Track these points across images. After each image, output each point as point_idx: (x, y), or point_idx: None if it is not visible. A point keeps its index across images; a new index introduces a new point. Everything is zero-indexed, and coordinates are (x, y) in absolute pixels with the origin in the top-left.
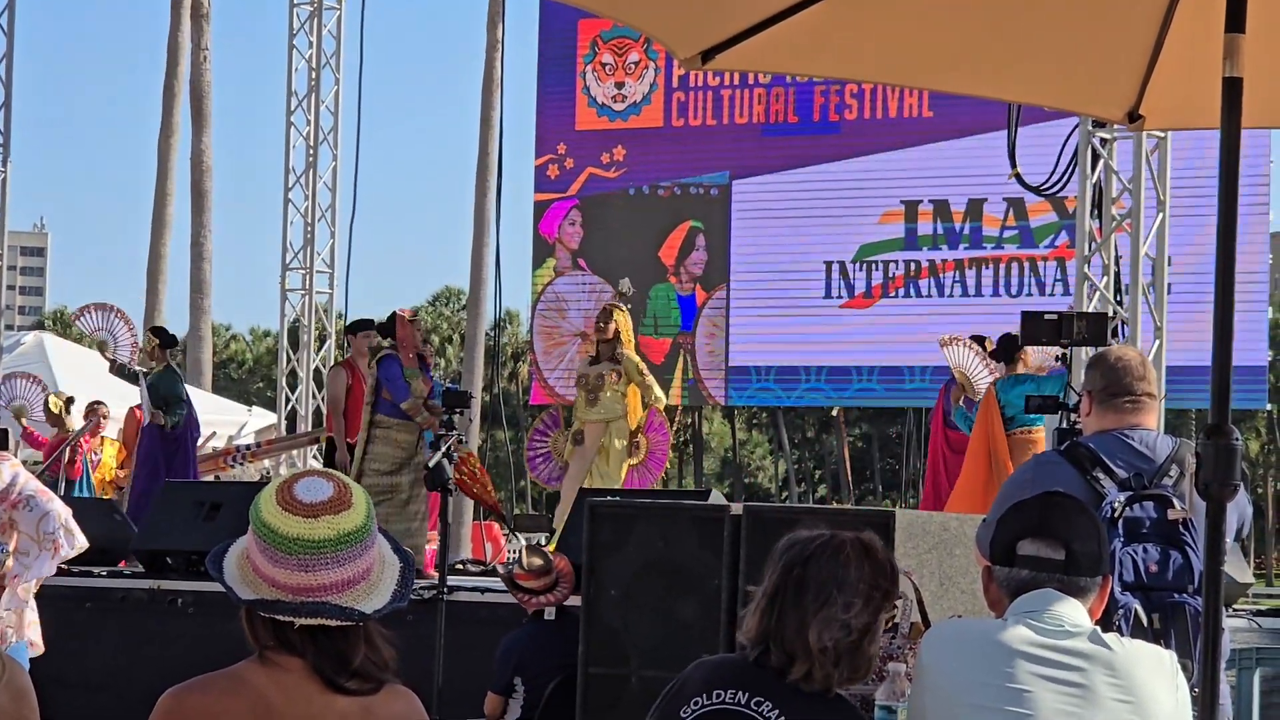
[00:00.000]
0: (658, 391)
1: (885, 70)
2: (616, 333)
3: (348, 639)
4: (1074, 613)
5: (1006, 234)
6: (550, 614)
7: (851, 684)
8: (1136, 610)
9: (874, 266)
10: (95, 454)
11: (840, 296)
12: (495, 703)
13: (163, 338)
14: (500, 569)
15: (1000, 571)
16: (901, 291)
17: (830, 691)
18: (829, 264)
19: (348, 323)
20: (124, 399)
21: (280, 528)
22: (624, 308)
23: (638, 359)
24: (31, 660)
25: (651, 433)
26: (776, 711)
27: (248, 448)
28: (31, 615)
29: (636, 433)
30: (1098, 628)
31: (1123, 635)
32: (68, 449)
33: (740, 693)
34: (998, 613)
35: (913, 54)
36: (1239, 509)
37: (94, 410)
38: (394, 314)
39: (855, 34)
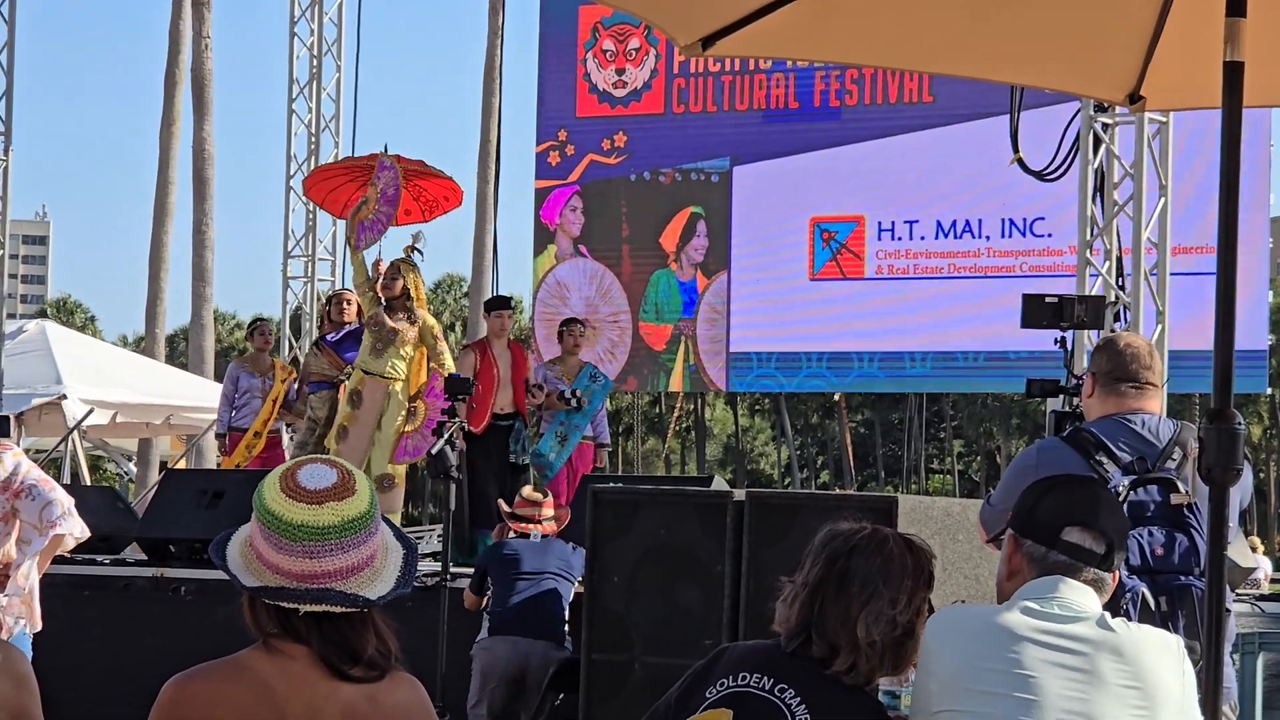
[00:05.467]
0: (448, 358)
1: (886, 54)
2: (405, 290)
3: (353, 626)
4: (1081, 598)
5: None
6: (535, 537)
7: (890, 676)
8: (1144, 593)
9: (876, 252)
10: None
11: (841, 279)
12: (472, 600)
13: None
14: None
15: (1036, 549)
16: (903, 276)
17: (868, 685)
18: (830, 249)
19: (486, 300)
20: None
21: (284, 514)
22: (414, 264)
23: (434, 322)
24: (34, 644)
25: (432, 398)
26: (799, 699)
27: None
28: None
29: (416, 398)
30: (1105, 613)
31: (1130, 618)
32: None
33: (766, 678)
34: (1012, 584)
35: (914, 38)
36: (1241, 488)
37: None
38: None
39: (856, 18)
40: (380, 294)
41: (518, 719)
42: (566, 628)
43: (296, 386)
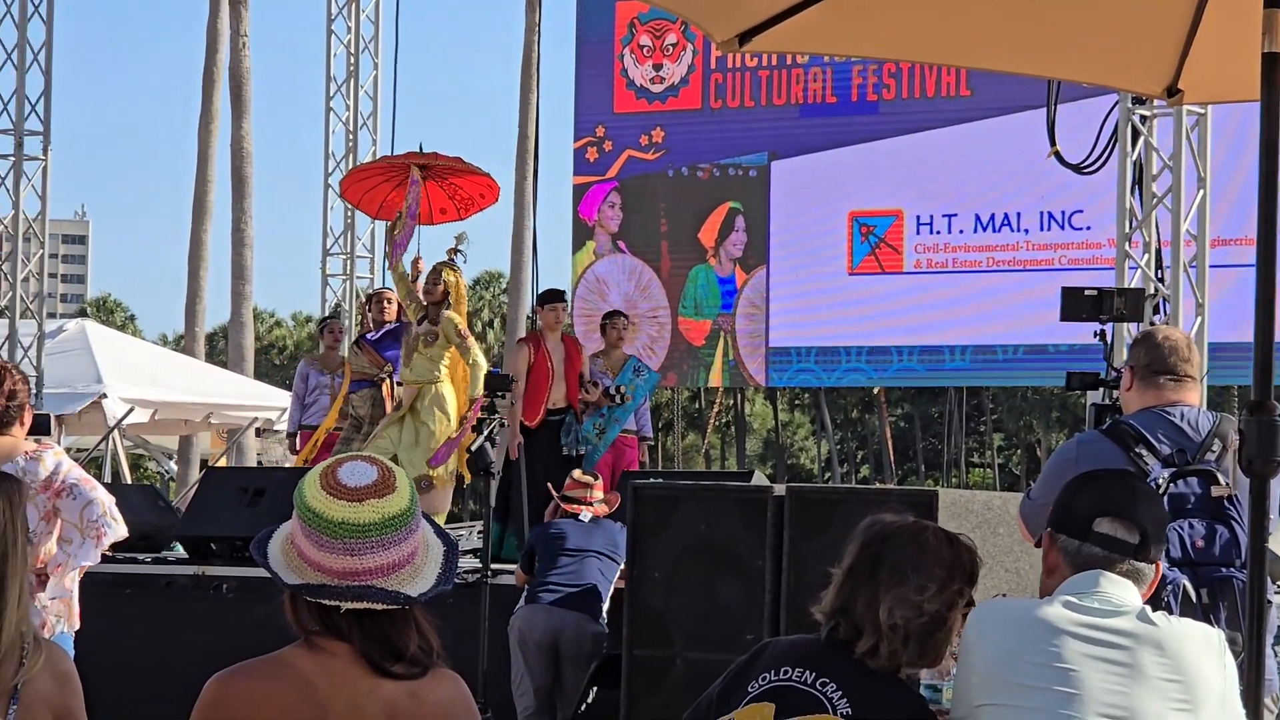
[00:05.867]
0: (476, 354)
1: (923, 49)
2: (445, 293)
3: (394, 623)
4: (1122, 592)
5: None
6: (585, 518)
7: (918, 668)
8: (1185, 585)
9: (914, 246)
10: None
11: (880, 273)
12: (521, 578)
13: None
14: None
15: (1070, 543)
16: (942, 270)
17: (897, 672)
18: (868, 243)
19: (540, 294)
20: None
21: (326, 512)
22: (456, 266)
23: (459, 319)
24: (76, 643)
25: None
26: (840, 693)
27: None
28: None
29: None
30: (1146, 606)
31: (1172, 611)
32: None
33: (808, 672)
34: (1053, 580)
35: (951, 32)
36: None
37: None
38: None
39: (893, 13)
40: (422, 298)
41: (555, 709)
42: (605, 605)
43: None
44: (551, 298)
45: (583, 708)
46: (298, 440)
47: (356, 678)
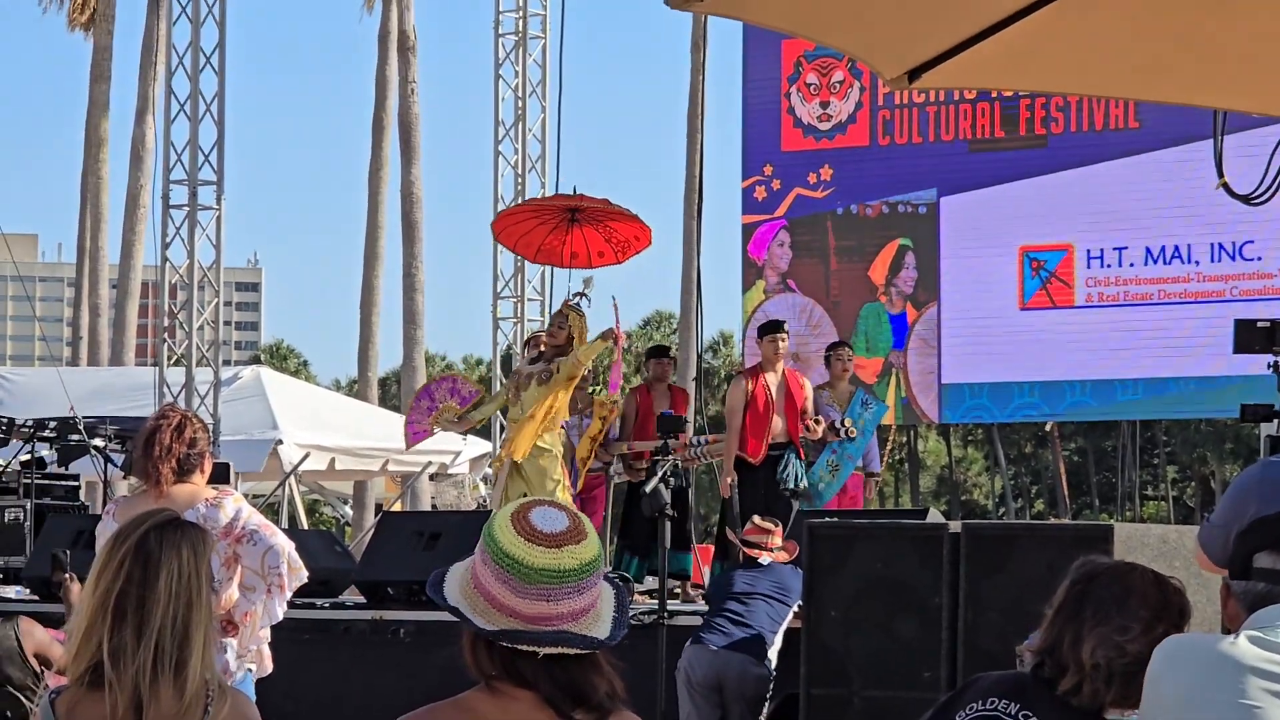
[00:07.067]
0: (583, 354)
1: (1091, 82)
2: (570, 337)
3: (583, 668)
4: None
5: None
6: (765, 561)
7: (1122, 709)
8: None
9: (1085, 280)
10: None
11: (1051, 308)
12: None
13: None
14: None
15: (1237, 586)
16: (1113, 304)
17: (1101, 711)
18: (1039, 277)
19: (759, 325)
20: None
21: (526, 559)
22: (581, 311)
23: (581, 360)
24: (257, 689)
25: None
26: None
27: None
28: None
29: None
30: None
31: None
32: None
33: (1013, 704)
34: (1234, 628)
35: (1118, 65)
36: None
37: None
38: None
39: (1060, 47)
40: (545, 341)
41: None
42: (773, 647)
43: (618, 424)
44: (771, 329)
45: None
46: None
47: None
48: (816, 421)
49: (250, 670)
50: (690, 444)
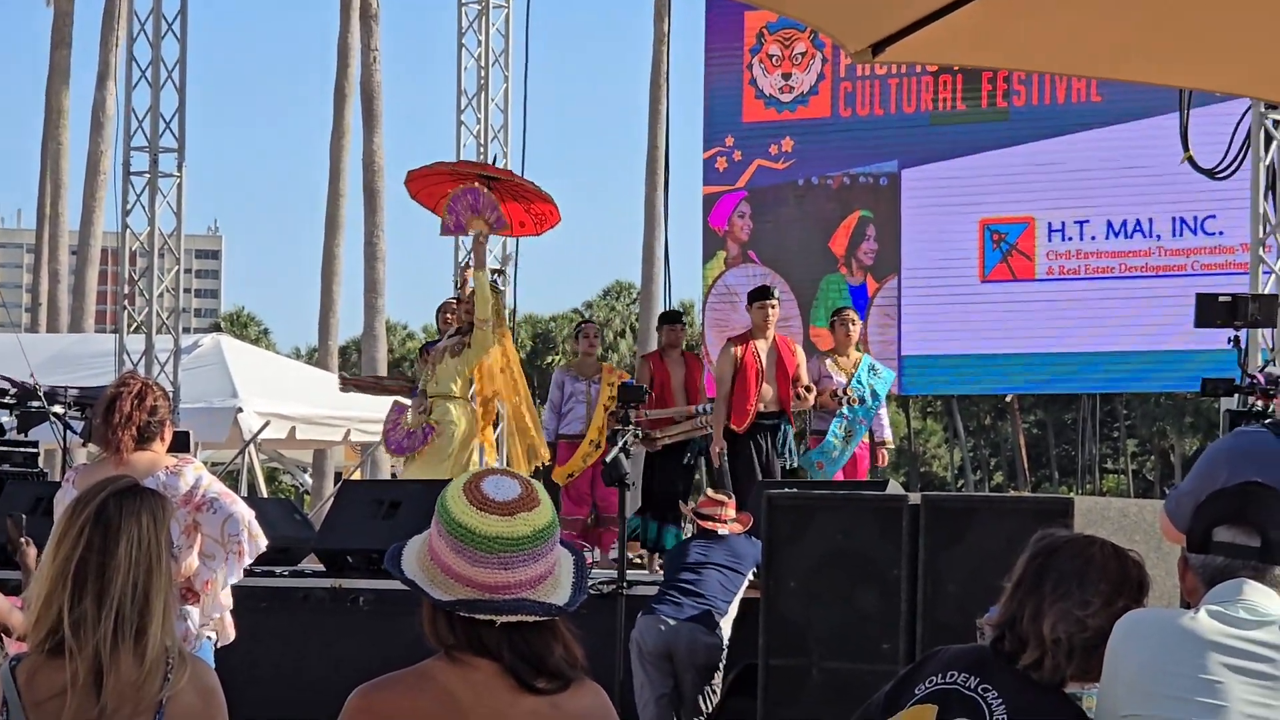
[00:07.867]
0: (480, 302)
1: (1055, 60)
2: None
3: (541, 636)
4: (1267, 601)
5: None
6: (722, 534)
7: (1082, 682)
8: None
9: (1046, 253)
10: None
11: (1012, 280)
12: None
13: None
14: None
15: (1195, 559)
16: (1074, 277)
17: (1061, 686)
18: (1000, 250)
19: (749, 292)
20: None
21: (479, 528)
22: (500, 289)
23: (476, 314)
24: (217, 657)
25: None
26: (1000, 701)
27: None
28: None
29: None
30: None
31: None
32: None
33: (972, 677)
34: (1193, 601)
35: (1083, 43)
36: None
37: None
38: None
39: (1025, 24)
40: (464, 314)
41: (678, 717)
42: (726, 616)
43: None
44: (760, 295)
45: (704, 716)
46: (556, 451)
47: (499, 690)
48: (808, 389)
49: (210, 638)
50: (698, 411)
